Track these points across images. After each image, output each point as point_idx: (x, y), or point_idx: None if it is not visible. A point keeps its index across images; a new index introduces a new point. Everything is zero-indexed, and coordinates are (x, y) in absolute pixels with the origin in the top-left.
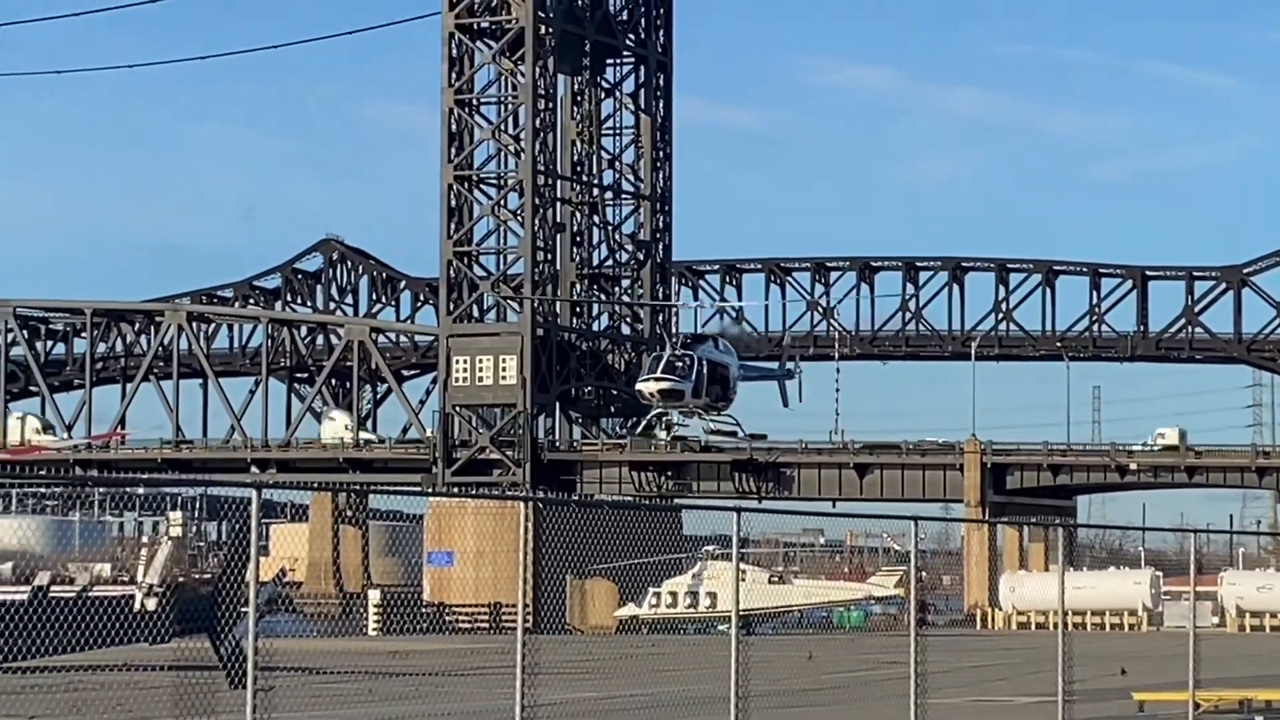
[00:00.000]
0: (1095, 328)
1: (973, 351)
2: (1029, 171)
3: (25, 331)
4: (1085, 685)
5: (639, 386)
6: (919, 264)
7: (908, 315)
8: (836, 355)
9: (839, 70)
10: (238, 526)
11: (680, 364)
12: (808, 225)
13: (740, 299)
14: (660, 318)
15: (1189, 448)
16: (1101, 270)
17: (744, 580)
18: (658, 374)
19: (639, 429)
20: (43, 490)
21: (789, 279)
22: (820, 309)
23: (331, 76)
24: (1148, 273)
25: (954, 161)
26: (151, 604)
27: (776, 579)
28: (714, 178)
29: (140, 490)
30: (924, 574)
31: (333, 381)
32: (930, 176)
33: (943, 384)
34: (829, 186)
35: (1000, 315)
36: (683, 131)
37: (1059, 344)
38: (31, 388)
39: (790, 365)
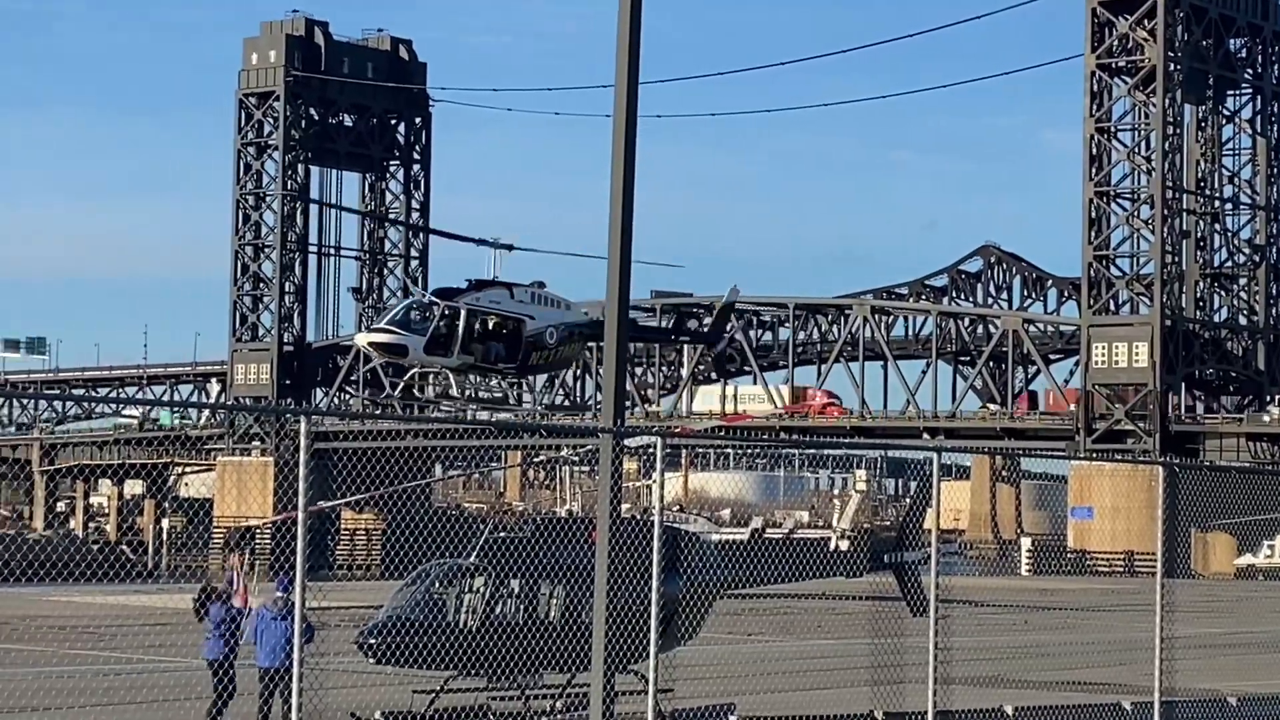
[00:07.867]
0: None
1: None
2: None
3: (741, 321)
4: None
5: (355, 339)
6: None
7: None
8: None
9: None
10: (918, 484)
11: (416, 315)
12: None
13: None
14: (1275, 310)
15: None
16: None
17: None
18: (380, 325)
19: (399, 390)
20: (754, 451)
21: None
22: None
23: (1000, 109)
24: None
25: None
26: (845, 545)
27: None
28: None
29: (836, 452)
30: None
31: (990, 364)
32: None
33: None
34: None
35: None
36: None
37: None
38: (745, 368)
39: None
